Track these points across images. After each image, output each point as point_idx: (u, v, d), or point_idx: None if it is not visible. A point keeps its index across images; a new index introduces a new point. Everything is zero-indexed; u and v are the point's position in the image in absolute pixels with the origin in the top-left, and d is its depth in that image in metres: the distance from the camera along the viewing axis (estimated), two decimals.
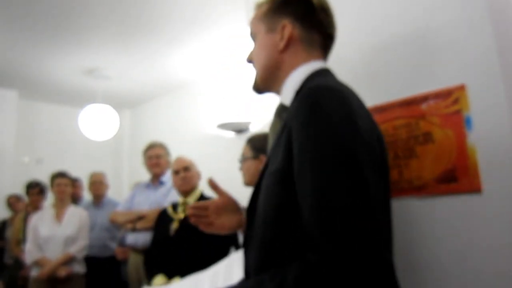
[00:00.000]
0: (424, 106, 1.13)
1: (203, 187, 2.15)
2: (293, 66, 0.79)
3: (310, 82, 0.73)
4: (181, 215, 1.98)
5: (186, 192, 2.04)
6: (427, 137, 1.11)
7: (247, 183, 1.55)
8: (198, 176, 2.14)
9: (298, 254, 0.60)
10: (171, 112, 4.00)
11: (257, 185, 0.74)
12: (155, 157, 2.57)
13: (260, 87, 0.86)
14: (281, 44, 0.79)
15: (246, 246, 0.76)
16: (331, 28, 0.82)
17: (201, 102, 3.60)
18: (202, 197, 2.07)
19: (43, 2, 2.38)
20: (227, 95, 2.59)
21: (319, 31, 0.80)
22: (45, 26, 2.68)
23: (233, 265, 1.17)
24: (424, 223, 1.11)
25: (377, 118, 1.01)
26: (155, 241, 2.05)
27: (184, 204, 2.03)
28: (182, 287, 1.26)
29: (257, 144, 1.53)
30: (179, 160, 2.13)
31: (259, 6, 0.85)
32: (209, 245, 1.59)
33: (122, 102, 4.30)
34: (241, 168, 1.57)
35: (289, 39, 0.78)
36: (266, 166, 0.74)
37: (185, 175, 2.03)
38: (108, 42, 2.95)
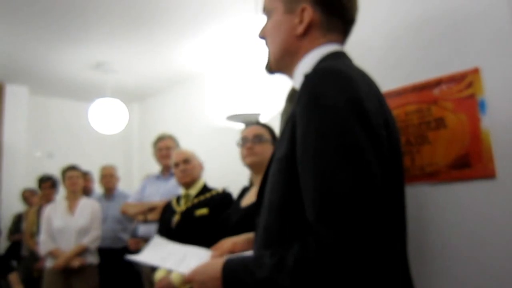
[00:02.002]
0: (436, 91, 1.11)
1: (207, 178, 2.12)
2: (308, 51, 0.75)
3: (319, 65, 0.71)
4: (182, 207, 1.96)
5: (187, 184, 2.00)
6: (440, 123, 1.09)
7: (252, 163, 1.45)
8: (199, 167, 2.08)
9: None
10: (179, 105, 4.00)
11: (266, 172, 0.74)
12: (165, 149, 2.59)
13: (273, 68, 0.83)
14: (300, 29, 0.74)
15: (255, 234, 0.76)
16: (353, 11, 0.77)
17: (210, 94, 3.59)
18: (204, 189, 2.02)
19: None
20: (236, 87, 2.57)
21: (340, 15, 0.75)
22: (52, 22, 2.69)
23: None
24: (437, 210, 1.10)
25: (388, 104, 0.99)
26: (158, 233, 2.02)
27: (186, 196, 2.00)
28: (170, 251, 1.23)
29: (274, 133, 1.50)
30: (178, 152, 2.09)
31: None
32: (209, 238, 1.58)
33: (131, 96, 4.32)
34: (247, 148, 1.46)
35: (309, 24, 0.74)
36: (274, 153, 0.73)
37: (185, 167, 1.98)
38: (115, 36, 2.96)
